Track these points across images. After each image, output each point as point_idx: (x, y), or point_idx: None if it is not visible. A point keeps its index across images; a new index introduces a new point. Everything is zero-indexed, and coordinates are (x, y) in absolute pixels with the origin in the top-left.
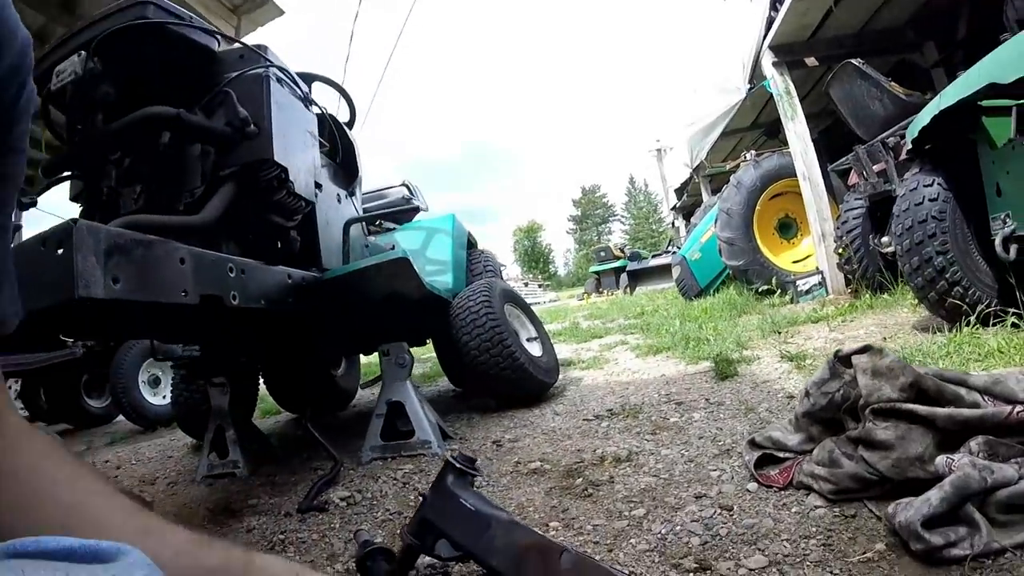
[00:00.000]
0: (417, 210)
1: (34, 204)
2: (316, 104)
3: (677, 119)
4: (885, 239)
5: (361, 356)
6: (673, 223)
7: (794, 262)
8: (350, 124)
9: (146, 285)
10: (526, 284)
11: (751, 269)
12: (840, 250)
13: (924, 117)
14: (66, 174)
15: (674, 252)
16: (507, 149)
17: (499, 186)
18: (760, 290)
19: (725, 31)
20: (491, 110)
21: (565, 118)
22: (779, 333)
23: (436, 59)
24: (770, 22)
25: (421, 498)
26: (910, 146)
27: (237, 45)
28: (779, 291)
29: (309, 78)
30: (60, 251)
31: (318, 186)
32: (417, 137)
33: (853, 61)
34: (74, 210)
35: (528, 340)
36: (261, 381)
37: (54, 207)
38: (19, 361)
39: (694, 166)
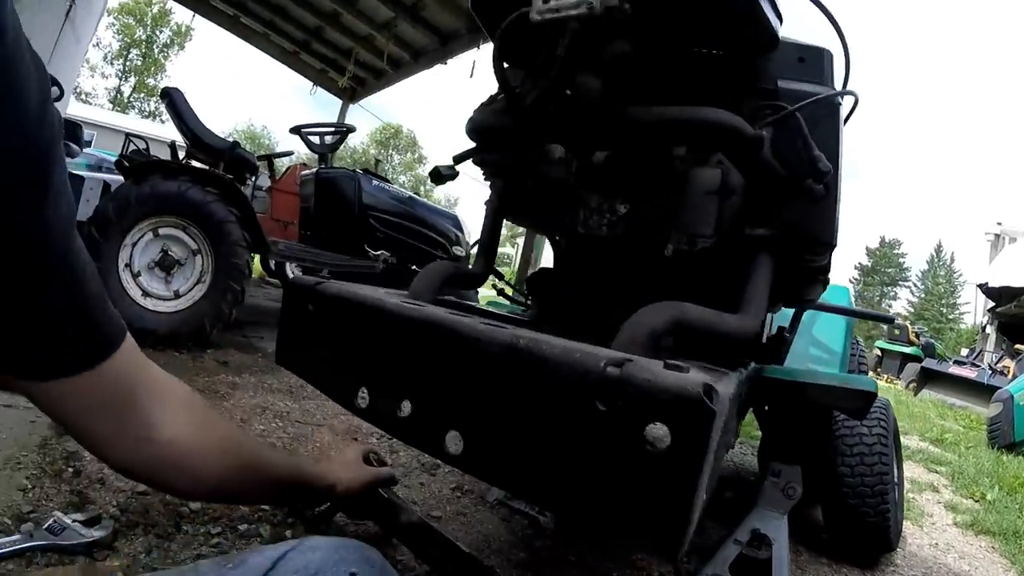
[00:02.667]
0: None
1: (454, 176)
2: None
3: None
4: None
5: None
6: (984, 328)
7: None
8: None
9: (718, 470)
10: None
11: None
12: None
13: None
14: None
15: (980, 367)
16: None
17: None
18: None
19: None
20: None
21: (882, 146)
22: None
23: None
24: None
25: None
26: None
27: (792, 41)
28: None
29: None
30: (663, 450)
31: None
32: None
33: None
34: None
35: None
36: None
37: None
38: (329, 260)
39: None
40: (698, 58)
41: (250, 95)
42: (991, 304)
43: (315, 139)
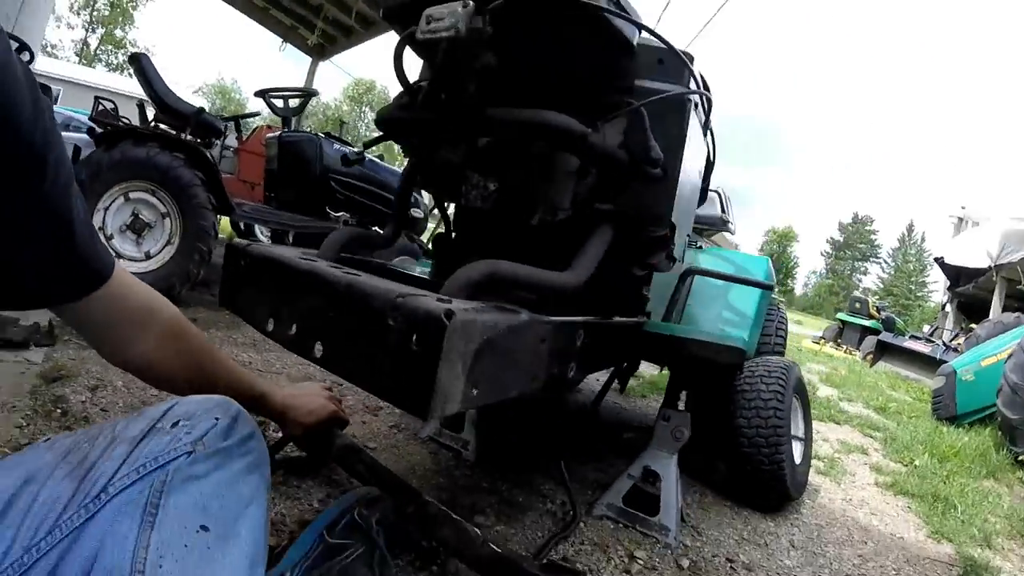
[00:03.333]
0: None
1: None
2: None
3: (1001, 200)
4: None
5: None
6: (944, 306)
7: None
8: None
9: (503, 383)
10: None
11: (1021, 430)
12: None
13: None
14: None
15: (935, 343)
16: (780, 133)
17: (757, 170)
18: (1020, 458)
19: None
20: (771, 87)
21: (859, 125)
22: None
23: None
24: None
25: None
26: None
27: (657, 44)
28: None
29: None
30: (419, 350)
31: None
32: None
33: None
34: None
35: (793, 438)
36: None
37: None
38: (291, 221)
39: (997, 263)
40: (562, 62)
41: (222, 48)
42: (949, 283)
43: (279, 102)
